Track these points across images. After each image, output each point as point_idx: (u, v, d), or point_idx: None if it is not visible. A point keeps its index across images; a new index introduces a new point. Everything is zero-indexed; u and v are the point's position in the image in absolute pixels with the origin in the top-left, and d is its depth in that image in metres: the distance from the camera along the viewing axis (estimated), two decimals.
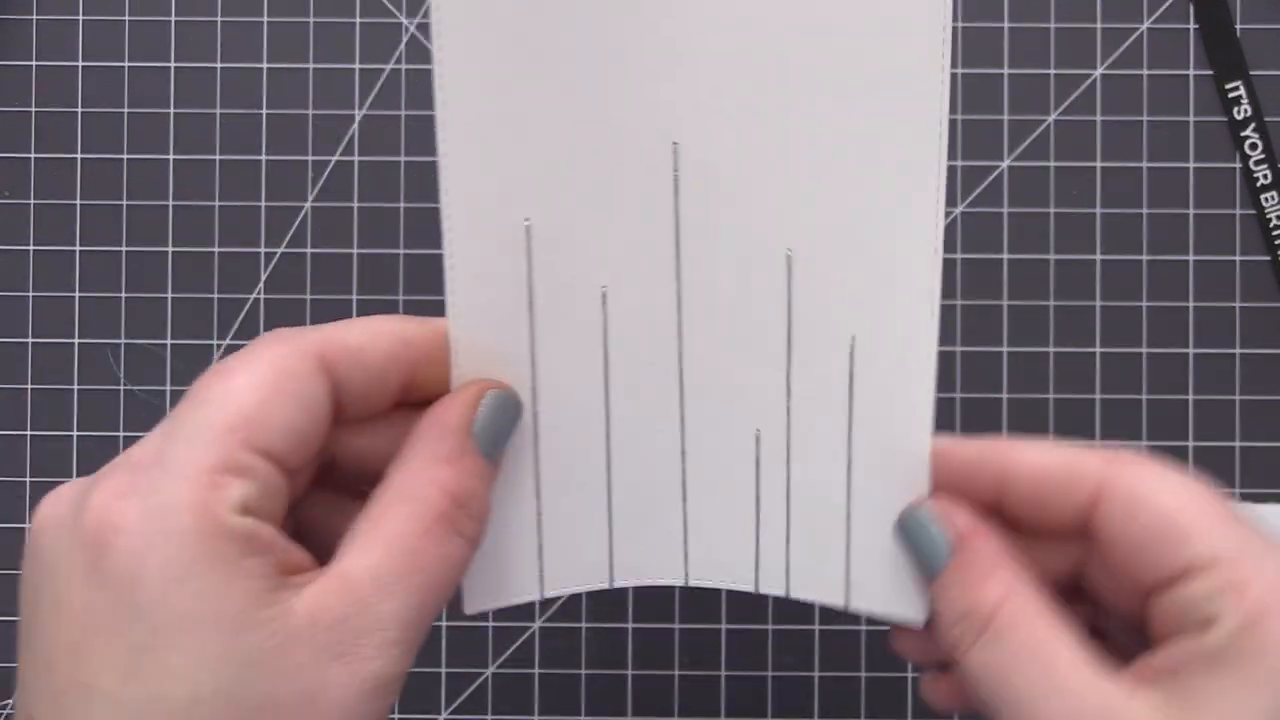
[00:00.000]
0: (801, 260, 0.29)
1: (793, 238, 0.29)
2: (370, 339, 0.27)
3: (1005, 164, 0.42)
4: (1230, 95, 0.42)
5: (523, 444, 0.30)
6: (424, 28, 0.42)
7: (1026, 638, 0.25)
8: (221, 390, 0.25)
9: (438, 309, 0.42)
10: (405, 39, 0.42)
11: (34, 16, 0.42)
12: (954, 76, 0.42)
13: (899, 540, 0.28)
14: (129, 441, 0.42)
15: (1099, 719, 0.24)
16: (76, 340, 0.42)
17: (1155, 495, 0.26)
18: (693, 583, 0.31)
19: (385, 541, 0.25)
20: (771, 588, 0.30)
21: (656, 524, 0.30)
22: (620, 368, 0.30)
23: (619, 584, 0.31)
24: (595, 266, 0.29)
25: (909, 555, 0.28)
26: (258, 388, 0.25)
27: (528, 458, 0.30)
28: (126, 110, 0.42)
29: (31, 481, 0.42)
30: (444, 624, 0.42)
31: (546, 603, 0.42)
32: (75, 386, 0.42)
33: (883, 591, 0.29)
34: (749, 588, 0.30)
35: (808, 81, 0.28)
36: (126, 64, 0.42)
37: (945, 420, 0.42)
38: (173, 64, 0.42)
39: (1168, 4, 0.42)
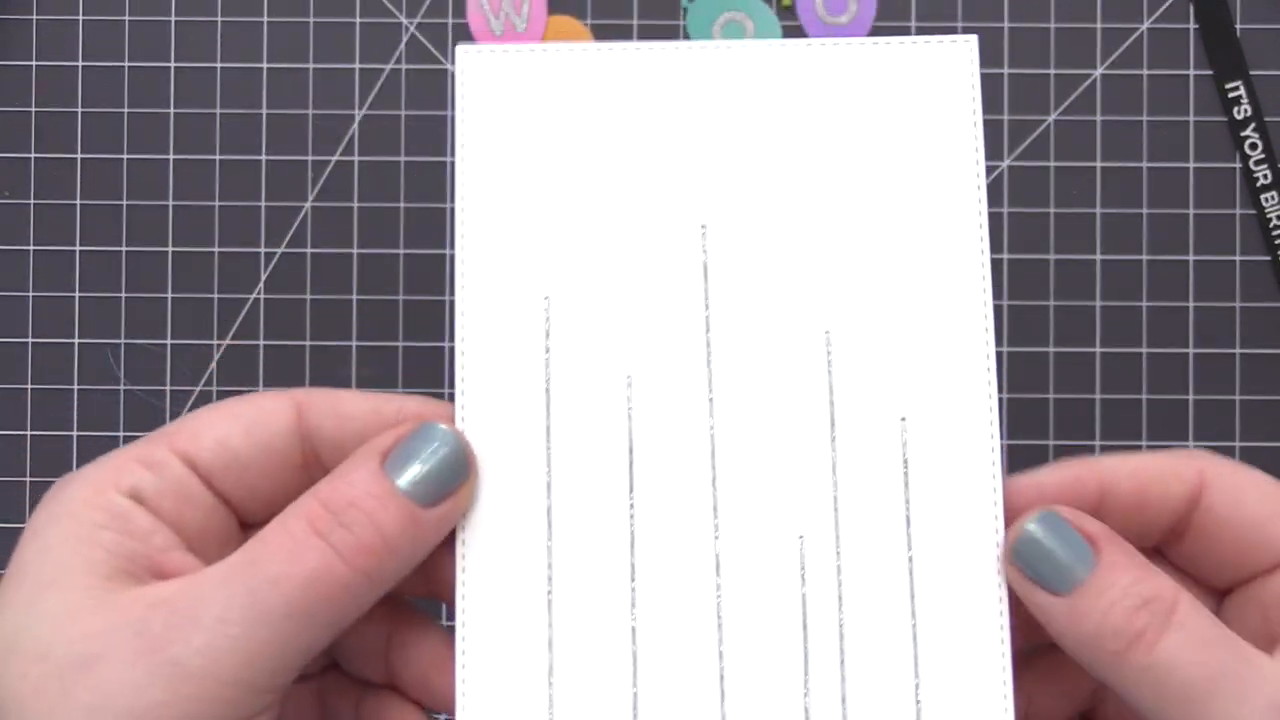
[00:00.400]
0: (840, 340, 0.27)
1: (831, 318, 0.27)
2: (356, 396, 0.26)
3: (1005, 164, 0.42)
4: (1230, 95, 0.42)
5: (535, 546, 0.27)
6: (424, 28, 0.42)
7: (1213, 619, 0.24)
8: (194, 411, 0.26)
9: (437, 309, 0.42)
10: (405, 39, 0.42)
11: (34, 16, 0.42)
12: None
13: (1023, 557, 0.26)
14: (129, 441, 0.42)
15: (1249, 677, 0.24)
16: (76, 340, 0.42)
17: (1258, 482, 0.26)
18: None
19: (241, 549, 0.24)
20: None
21: (687, 662, 0.26)
22: (647, 467, 0.27)
23: None
24: (619, 351, 0.27)
25: (1041, 568, 0.25)
26: (218, 409, 0.25)
27: (540, 563, 0.27)
28: (126, 110, 0.42)
29: (31, 481, 0.42)
30: None
31: None
32: (75, 386, 0.42)
33: (962, 713, 0.26)
34: None
35: (841, 171, 0.28)
36: (126, 64, 0.42)
37: None
38: (173, 64, 0.42)
39: (1168, 4, 0.42)
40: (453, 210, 0.42)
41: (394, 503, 0.24)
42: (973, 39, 0.28)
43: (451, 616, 0.26)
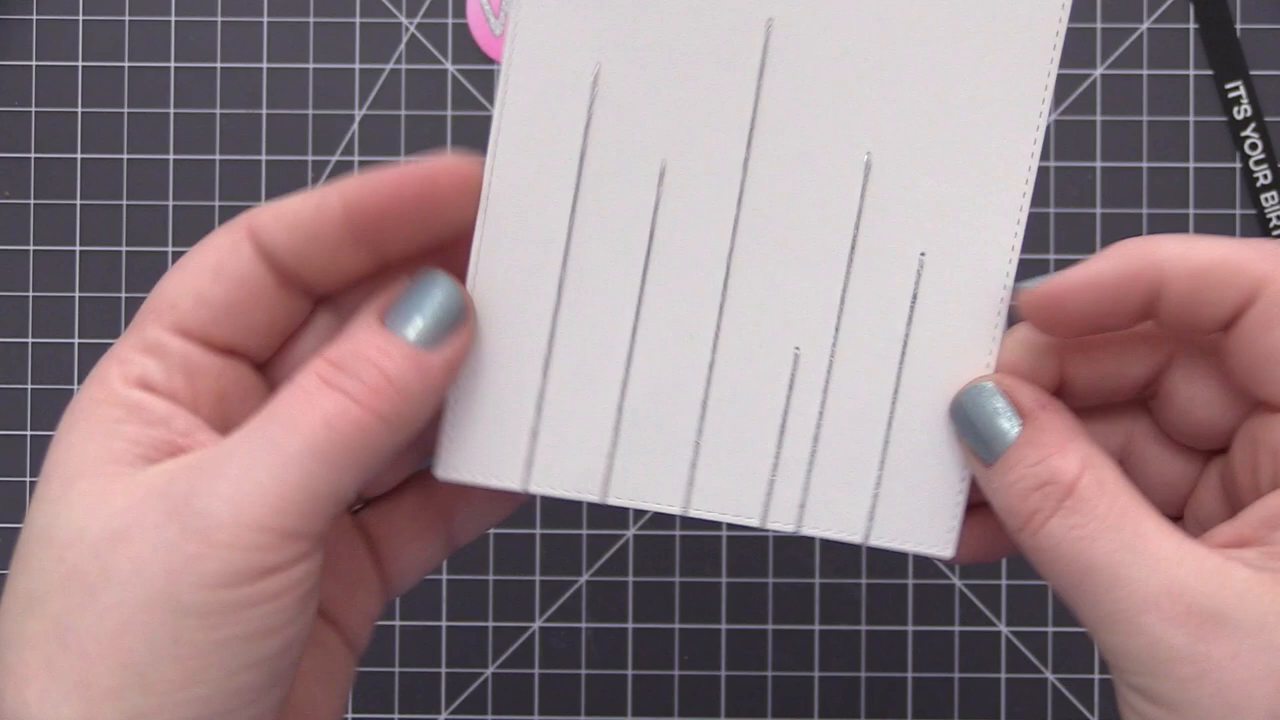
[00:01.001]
0: (881, 165, 0.27)
1: (876, 141, 0.27)
2: (303, 198, 0.26)
3: None
4: (1230, 95, 0.42)
5: (541, 313, 0.27)
6: (424, 28, 0.42)
7: (1112, 504, 0.24)
8: (160, 281, 0.26)
9: None
10: (405, 39, 0.42)
11: (34, 16, 0.42)
12: None
13: (956, 420, 0.27)
14: None
15: (1196, 577, 0.22)
16: (76, 340, 0.42)
17: None
18: (692, 512, 0.28)
19: (258, 412, 0.24)
20: (779, 522, 0.28)
21: (666, 439, 0.28)
22: (663, 255, 0.27)
23: (612, 501, 0.28)
24: (659, 136, 0.27)
25: (967, 435, 0.26)
26: (181, 268, 0.25)
27: (544, 328, 0.28)
28: (126, 110, 0.42)
29: (31, 481, 0.42)
30: (444, 624, 0.42)
31: (546, 600, 0.42)
32: (75, 386, 0.42)
33: (910, 526, 0.28)
34: (754, 521, 0.28)
35: None
36: (126, 64, 0.42)
37: None
38: (173, 64, 0.42)
39: (1168, 4, 0.42)
40: None
41: (396, 349, 0.25)
42: None
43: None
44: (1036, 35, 0.28)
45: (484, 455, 0.28)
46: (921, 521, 0.28)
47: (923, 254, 0.28)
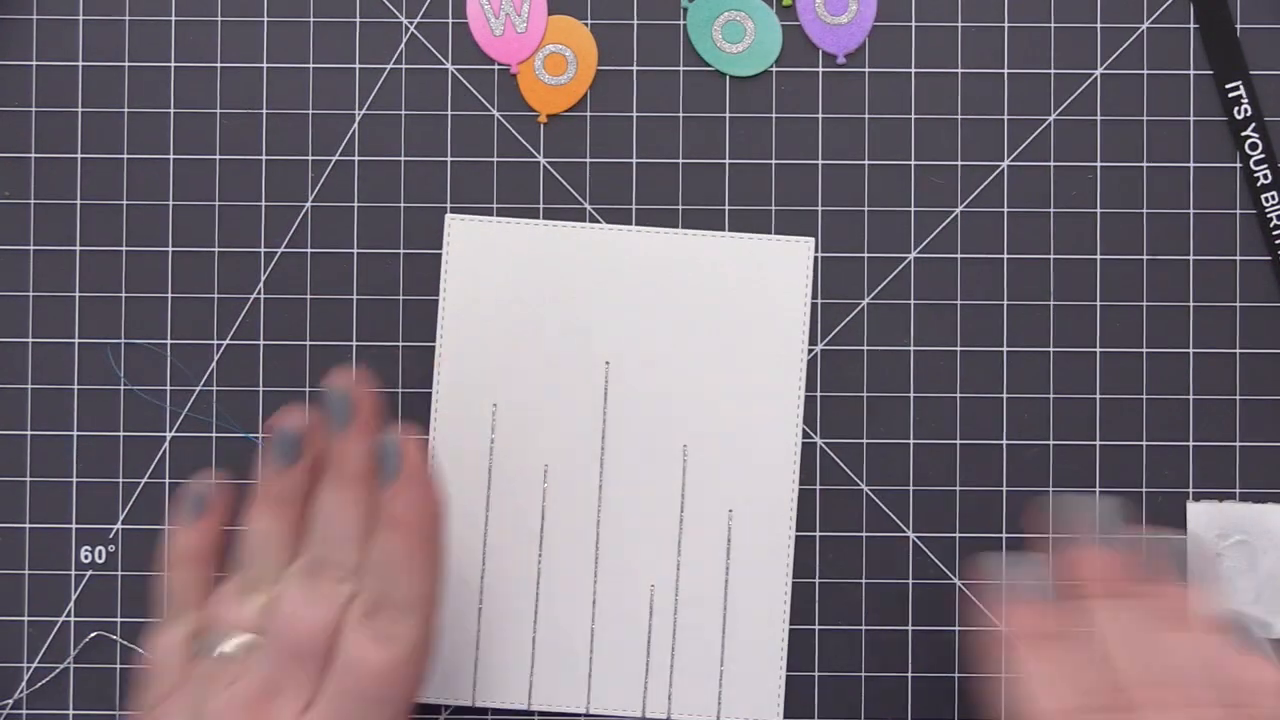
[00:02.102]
0: (694, 452, 0.41)
1: (689, 436, 0.41)
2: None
3: (1005, 164, 0.42)
4: (1230, 95, 0.42)
5: (471, 579, 0.41)
6: (424, 28, 0.42)
7: None
8: None
9: (435, 309, 0.42)
10: (405, 39, 0.42)
11: (34, 16, 0.42)
12: (954, 76, 0.42)
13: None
14: (129, 441, 0.42)
15: None
16: (76, 340, 0.42)
17: None
18: (593, 710, 0.41)
19: None
20: (655, 712, 0.41)
21: (569, 661, 0.41)
22: (553, 526, 0.41)
23: (535, 708, 0.41)
24: (542, 446, 0.41)
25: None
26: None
27: (474, 591, 0.41)
28: (126, 110, 0.42)
29: (31, 481, 0.42)
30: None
31: None
32: (75, 386, 0.42)
33: (746, 701, 0.41)
34: (635, 713, 0.41)
35: (703, 324, 0.41)
36: (126, 64, 0.42)
37: (946, 421, 0.42)
38: (173, 64, 0.42)
39: (1168, 4, 0.42)
40: (452, 210, 0.42)
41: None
42: (810, 241, 0.41)
43: None
44: (789, 353, 0.41)
45: (445, 683, 0.41)
46: (754, 696, 0.41)
47: (730, 510, 0.41)
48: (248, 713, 0.33)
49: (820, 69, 0.42)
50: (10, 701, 0.42)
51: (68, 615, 0.42)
